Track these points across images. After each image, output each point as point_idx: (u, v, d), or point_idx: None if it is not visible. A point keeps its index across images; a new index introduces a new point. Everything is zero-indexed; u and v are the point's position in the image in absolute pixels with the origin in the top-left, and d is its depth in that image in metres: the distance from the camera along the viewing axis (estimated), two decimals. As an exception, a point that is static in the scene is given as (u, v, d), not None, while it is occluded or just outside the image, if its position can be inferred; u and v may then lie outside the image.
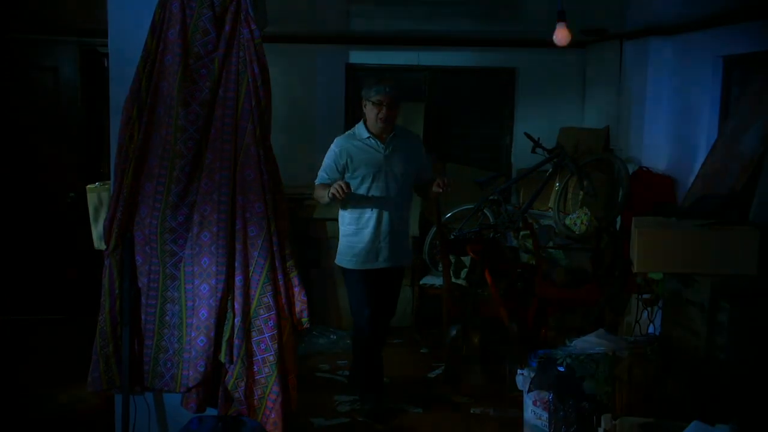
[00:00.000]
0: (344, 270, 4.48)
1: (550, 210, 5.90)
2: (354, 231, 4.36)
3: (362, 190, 4.30)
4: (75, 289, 6.16)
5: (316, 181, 4.39)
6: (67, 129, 6.20)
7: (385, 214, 4.32)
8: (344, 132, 6.53)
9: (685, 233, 3.72)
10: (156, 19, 3.20)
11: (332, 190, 4.08)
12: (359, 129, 4.38)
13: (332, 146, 4.39)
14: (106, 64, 4.30)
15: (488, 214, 5.92)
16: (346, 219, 4.41)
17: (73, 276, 6.15)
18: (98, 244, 4.18)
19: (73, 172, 6.18)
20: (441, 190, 4.27)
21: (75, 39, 6.07)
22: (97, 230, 4.26)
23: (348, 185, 4.10)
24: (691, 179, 4.74)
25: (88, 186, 4.57)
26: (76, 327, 5.73)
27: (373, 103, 4.26)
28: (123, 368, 3.30)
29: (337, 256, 4.50)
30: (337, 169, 4.32)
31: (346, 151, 4.31)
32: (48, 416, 4.40)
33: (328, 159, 4.37)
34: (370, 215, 4.32)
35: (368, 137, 4.33)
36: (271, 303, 3.24)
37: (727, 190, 4.32)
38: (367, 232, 4.32)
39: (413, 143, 4.52)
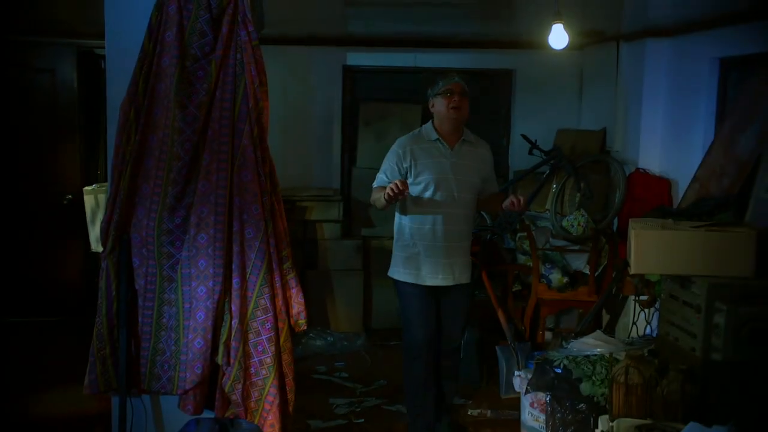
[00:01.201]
0: (398, 283, 4.04)
1: (547, 211, 5.90)
2: (412, 242, 3.94)
3: (424, 198, 3.90)
4: (72, 291, 6.16)
5: (374, 184, 4.01)
6: (64, 131, 6.19)
7: (448, 226, 3.91)
8: (342, 134, 6.62)
9: (681, 235, 3.73)
10: (153, 22, 3.20)
11: (387, 190, 3.65)
12: (427, 130, 3.99)
13: (394, 147, 3.99)
14: (103, 66, 4.32)
15: (485, 215, 5.93)
16: (403, 228, 3.99)
17: (70, 278, 6.15)
18: (95, 246, 4.19)
19: (70, 175, 6.18)
20: (515, 209, 3.89)
21: (72, 41, 6.07)
22: (94, 232, 4.27)
23: (405, 183, 3.67)
24: (688, 181, 4.74)
25: (85, 188, 4.58)
26: (73, 329, 5.74)
27: (443, 94, 3.88)
28: (120, 370, 3.29)
29: (391, 268, 4.07)
30: (400, 171, 3.91)
31: (411, 153, 3.91)
32: (45, 418, 4.39)
33: (388, 161, 3.97)
34: (431, 226, 3.90)
35: (437, 139, 3.93)
36: (268, 305, 3.24)
37: (723, 192, 4.32)
38: (427, 245, 3.91)
39: (482, 151, 4.09)
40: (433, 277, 3.94)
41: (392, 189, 3.61)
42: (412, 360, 4.04)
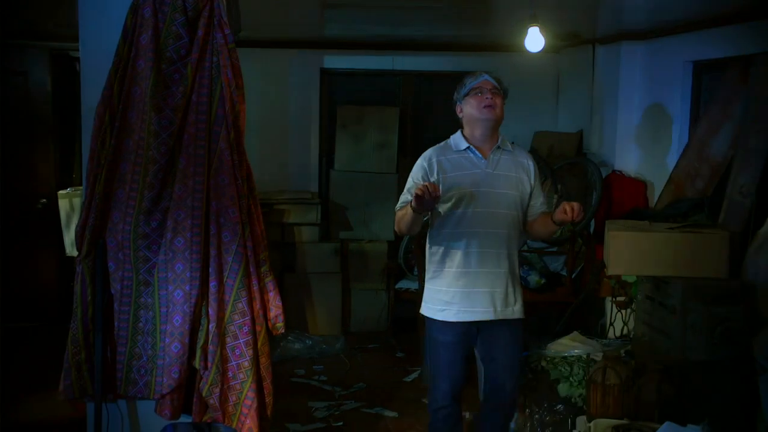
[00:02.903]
0: (427, 321, 3.46)
1: (524, 214, 5.93)
2: (443, 270, 3.38)
3: (455, 217, 3.33)
4: (46, 296, 6.09)
5: (397, 207, 3.44)
6: (38, 134, 6.13)
7: (484, 249, 3.33)
8: (319, 136, 6.61)
9: (657, 236, 3.77)
10: (128, 24, 3.18)
11: (415, 192, 3.10)
12: (455, 139, 3.44)
13: (419, 161, 3.44)
14: (77, 69, 4.29)
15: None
16: (433, 255, 3.43)
17: (44, 283, 6.08)
18: (70, 250, 4.14)
19: (45, 178, 6.11)
20: (570, 219, 3.19)
21: (46, 43, 6.01)
22: (69, 237, 4.22)
23: (435, 186, 3.13)
24: (663, 182, 4.79)
25: (60, 192, 4.53)
26: (48, 334, 5.68)
27: (471, 94, 3.39)
28: (96, 376, 3.26)
29: (422, 304, 3.49)
30: None
31: (438, 165, 3.36)
32: (19, 425, 4.34)
33: (413, 177, 3.41)
34: (463, 250, 3.32)
35: (467, 148, 3.38)
36: (246, 308, 3.22)
37: (698, 194, 4.38)
38: (460, 272, 3.33)
39: (523, 160, 3.48)
40: (468, 310, 3.34)
41: (420, 191, 3.06)
42: (433, 413, 3.50)
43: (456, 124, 3.56)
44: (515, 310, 3.41)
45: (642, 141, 5.45)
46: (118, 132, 3.19)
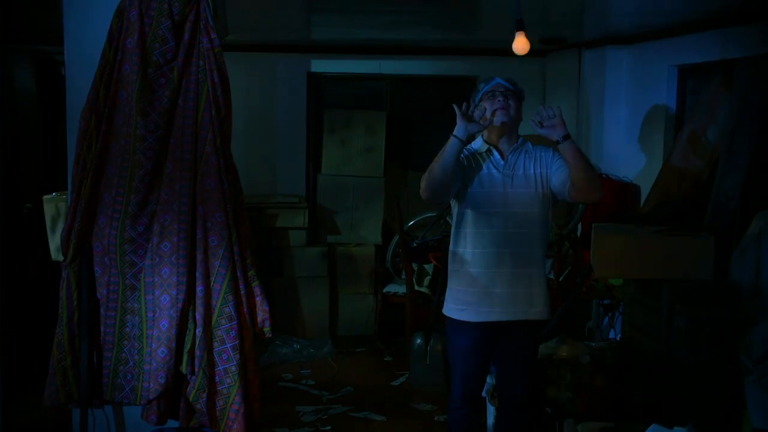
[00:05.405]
0: (447, 321, 3.45)
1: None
2: (462, 270, 3.35)
3: (473, 217, 3.33)
4: (31, 301, 6.05)
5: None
6: (23, 138, 6.09)
7: (502, 249, 3.28)
8: (306, 140, 6.60)
9: (643, 240, 3.78)
10: (113, 28, 3.17)
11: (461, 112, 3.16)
12: (476, 143, 3.43)
13: None
14: (63, 73, 4.27)
15: (450, 221, 5.95)
16: (454, 255, 3.42)
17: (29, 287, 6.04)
18: (55, 255, 4.11)
19: (30, 183, 6.07)
20: (545, 121, 3.27)
21: (31, 47, 5.98)
22: (54, 241, 4.19)
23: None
24: (649, 186, 4.82)
25: (45, 196, 4.50)
26: (33, 339, 5.63)
27: (485, 98, 3.38)
28: (82, 381, 3.24)
29: (444, 304, 3.47)
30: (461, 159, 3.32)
31: (467, 159, 3.38)
32: (4, 432, 4.31)
33: None
34: (481, 250, 3.30)
35: (487, 149, 3.37)
36: (233, 313, 3.22)
37: (683, 197, 4.40)
38: (479, 272, 3.30)
39: (542, 154, 3.42)
40: (486, 311, 3.30)
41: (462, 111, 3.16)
42: (449, 413, 3.52)
43: (442, 128, 3.58)
44: (537, 312, 3.34)
45: (628, 144, 5.48)
46: (104, 136, 3.18)
